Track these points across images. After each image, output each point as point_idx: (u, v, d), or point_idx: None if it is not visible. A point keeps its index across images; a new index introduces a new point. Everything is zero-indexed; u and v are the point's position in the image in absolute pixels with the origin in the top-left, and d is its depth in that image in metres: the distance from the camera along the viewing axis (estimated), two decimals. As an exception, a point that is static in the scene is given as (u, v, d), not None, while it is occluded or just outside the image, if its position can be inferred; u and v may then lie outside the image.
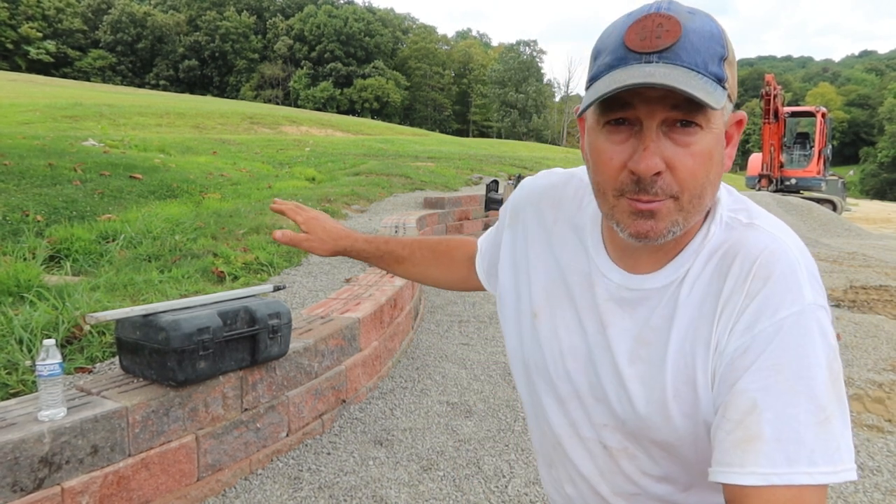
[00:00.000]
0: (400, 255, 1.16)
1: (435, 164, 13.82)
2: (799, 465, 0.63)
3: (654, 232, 0.71)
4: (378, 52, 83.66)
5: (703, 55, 0.67)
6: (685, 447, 0.78)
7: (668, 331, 0.76)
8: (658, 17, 0.68)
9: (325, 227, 1.14)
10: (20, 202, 5.04)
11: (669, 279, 0.77)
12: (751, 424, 0.65)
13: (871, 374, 3.81)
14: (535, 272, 0.90)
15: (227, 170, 9.19)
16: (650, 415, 0.78)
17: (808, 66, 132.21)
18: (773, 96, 16.15)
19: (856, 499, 2.47)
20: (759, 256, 0.71)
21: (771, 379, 0.66)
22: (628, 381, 0.79)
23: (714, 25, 0.69)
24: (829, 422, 0.65)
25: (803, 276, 0.70)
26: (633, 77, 0.65)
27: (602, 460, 0.86)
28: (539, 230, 0.92)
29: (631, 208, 0.71)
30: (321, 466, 2.62)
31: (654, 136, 0.68)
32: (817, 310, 0.69)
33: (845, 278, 6.82)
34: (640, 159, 0.68)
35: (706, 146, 0.69)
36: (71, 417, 1.88)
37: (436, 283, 1.19)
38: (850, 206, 26.38)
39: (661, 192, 0.69)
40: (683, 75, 0.66)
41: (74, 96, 24.64)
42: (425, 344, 4.26)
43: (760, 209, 0.79)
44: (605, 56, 0.70)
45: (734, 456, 0.66)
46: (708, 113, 0.68)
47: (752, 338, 0.69)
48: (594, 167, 0.74)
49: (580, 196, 0.89)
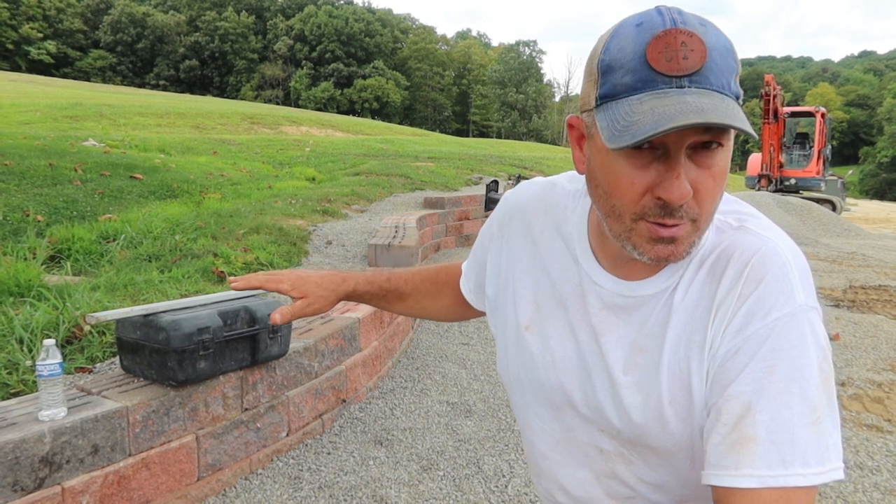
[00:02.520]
0: (403, 291, 1.13)
1: (435, 164, 13.80)
2: (794, 466, 0.63)
3: (674, 256, 0.70)
4: (378, 53, 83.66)
5: (727, 75, 0.65)
6: (682, 453, 0.78)
7: (662, 336, 0.76)
8: (680, 35, 0.63)
9: (317, 283, 1.05)
10: (21, 202, 5.05)
11: (664, 285, 0.77)
12: (745, 427, 0.65)
13: (870, 374, 3.81)
14: (523, 285, 0.90)
15: (227, 170, 9.20)
16: (647, 421, 0.77)
17: (808, 67, 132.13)
18: (772, 96, 16.11)
19: (855, 498, 2.47)
20: (752, 259, 0.71)
21: (764, 381, 0.66)
22: (624, 389, 0.78)
23: (725, 39, 0.66)
24: (821, 422, 0.65)
25: (795, 277, 0.70)
26: (684, 113, 0.61)
27: (598, 466, 0.85)
28: (525, 242, 0.91)
29: (651, 234, 0.69)
30: (321, 466, 2.63)
31: (682, 161, 0.66)
32: (809, 311, 0.69)
33: (845, 278, 6.82)
34: (673, 189, 0.65)
35: (724, 165, 0.68)
36: (71, 417, 1.89)
37: (440, 314, 1.15)
38: (849, 206, 26.35)
39: (685, 215, 0.68)
40: (720, 103, 0.63)
41: (75, 96, 24.66)
42: (425, 344, 4.26)
43: (750, 209, 0.79)
44: (624, 74, 0.65)
45: (728, 459, 0.65)
46: (729, 131, 0.66)
47: (744, 339, 0.69)
48: (611, 190, 0.70)
49: (564, 205, 0.88)
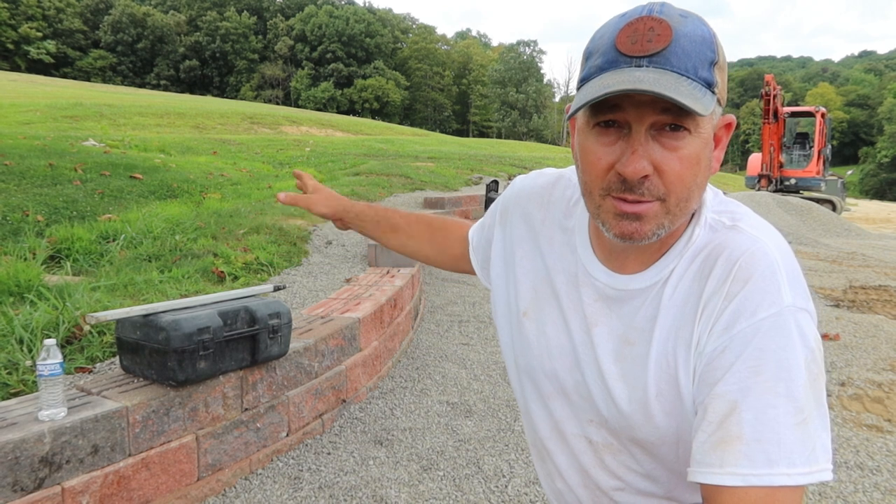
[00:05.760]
0: (396, 223, 1.18)
1: (435, 164, 13.80)
2: (779, 465, 0.64)
3: (638, 233, 0.71)
4: (378, 53, 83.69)
5: (694, 60, 0.67)
6: (666, 447, 0.79)
7: (650, 331, 0.77)
8: (650, 21, 0.68)
9: (329, 192, 1.20)
10: (20, 202, 5.05)
11: (653, 280, 0.78)
12: (731, 426, 0.66)
13: (870, 374, 3.81)
14: (523, 272, 0.92)
15: (227, 170, 9.19)
16: (632, 413, 0.79)
17: (808, 67, 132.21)
18: (772, 96, 16.13)
19: (855, 498, 2.47)
20: (740, 258, 0.72)
21: (750, 380, 0.67)
22: (611, 379, 0.80)
23: (706, 29, 0.69)
24: (808, 423, 0.65)
25: (782, 277, 0.70)
26: (623, 82, 0.66)
27: (587, 456, 0.87)
28: (526, 230, 0.93)
29: (616, 209, 0.71)
30: (321, 466, 2.62)
31: (642, 140, 0.68)
32: (797, 312, 0.69)
33: (845, 278, 6.82)
34: (628, 162, 0.68)
35: (694, 150, 0.69)
36: (71, 417, 1.89)
37: (428, 259, 1.19)
38: (849, 206, 26.36)
39: (647, 193, 0.70)
40: (673, 81, 0.66)
41: (75, 96, 24.65)
42: (425, 344, 4.26)
43: (746, 210, 0.80)
44: (597, 58, 0.71)
45: (713, 456, 0.66)
46: (697, 118, 0.68)
47: (730, 338, 0.69)
48: (582, 167, 0.75)
49: (568, 197, 0.90)
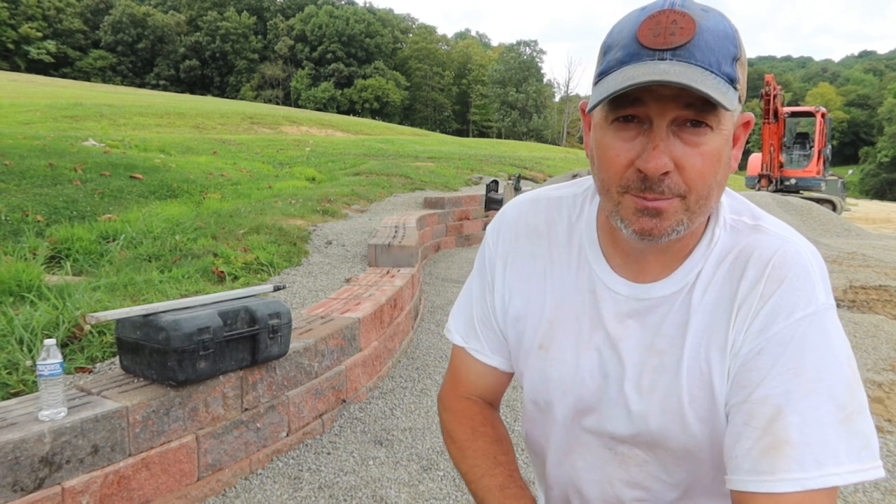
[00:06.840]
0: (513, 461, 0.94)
1: (435, 164, 13.81)
2: (827, 466, 0.63)
3: (658, 230, 0.69)
4: (378, 53, 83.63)
5: (717, 55, 0.65)
6: (701, 453, 0.77)
7: (682, 337, 0.75)
8: (672, 14, 0.66)
9: None
10: (21, 202, 5.05)
11: (679, 285, 0.76)
12: (777, 430, 0.65)
13: (870, 374, 3.81)
14: (534, 306, 0.87)
15: (227, 170, 9.20)
16: (665, 424, 0.77)
17: (808, 67, 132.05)
18: (772, 96, 16.10)
19: (855, 498, 2.47)
20: (773, 259, 0.71)
21: (792, 383, 0.66)
22: (641, 393, 0.78)
23: (728, 25, 0.67)
24: (851, 420, 0.65)
25: (816, 277, 0.70)
26: (647, 74, 0.64)
27: (612, 469, 0.84)
28: (528, 264, 0.88)
29: (636, 205, 0.69)
30: (321, 466, 2.62)
31: (663, 135, 0.66)
32: (830, 309, 0.69)
33: (845, 278, 6.82)
34: (650, 158, 0.66)
35: (715, 147, 0.68)
36: (71, 417, 1.88)
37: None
38: (849, 206, 26.34)
39: (668, 190, 0.68)
40: (698, 74, 0.64)
41: (75, 96, 24.67)
42: (425, 344, 4.26)
43: (761, 211, 0.79)
44: (617, 51, 0.68)
45: (764, 463, 0.65)
46: (719, 114, 0.66)
47: (767, 339, 0.69)
48: (599, 164, 0.72)
49: (566, 215, 0.87)
